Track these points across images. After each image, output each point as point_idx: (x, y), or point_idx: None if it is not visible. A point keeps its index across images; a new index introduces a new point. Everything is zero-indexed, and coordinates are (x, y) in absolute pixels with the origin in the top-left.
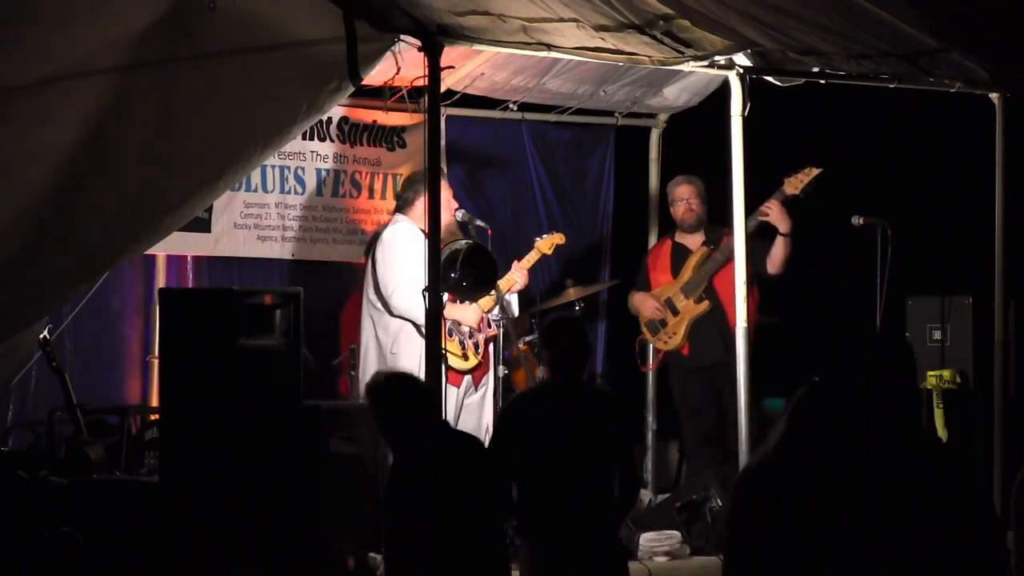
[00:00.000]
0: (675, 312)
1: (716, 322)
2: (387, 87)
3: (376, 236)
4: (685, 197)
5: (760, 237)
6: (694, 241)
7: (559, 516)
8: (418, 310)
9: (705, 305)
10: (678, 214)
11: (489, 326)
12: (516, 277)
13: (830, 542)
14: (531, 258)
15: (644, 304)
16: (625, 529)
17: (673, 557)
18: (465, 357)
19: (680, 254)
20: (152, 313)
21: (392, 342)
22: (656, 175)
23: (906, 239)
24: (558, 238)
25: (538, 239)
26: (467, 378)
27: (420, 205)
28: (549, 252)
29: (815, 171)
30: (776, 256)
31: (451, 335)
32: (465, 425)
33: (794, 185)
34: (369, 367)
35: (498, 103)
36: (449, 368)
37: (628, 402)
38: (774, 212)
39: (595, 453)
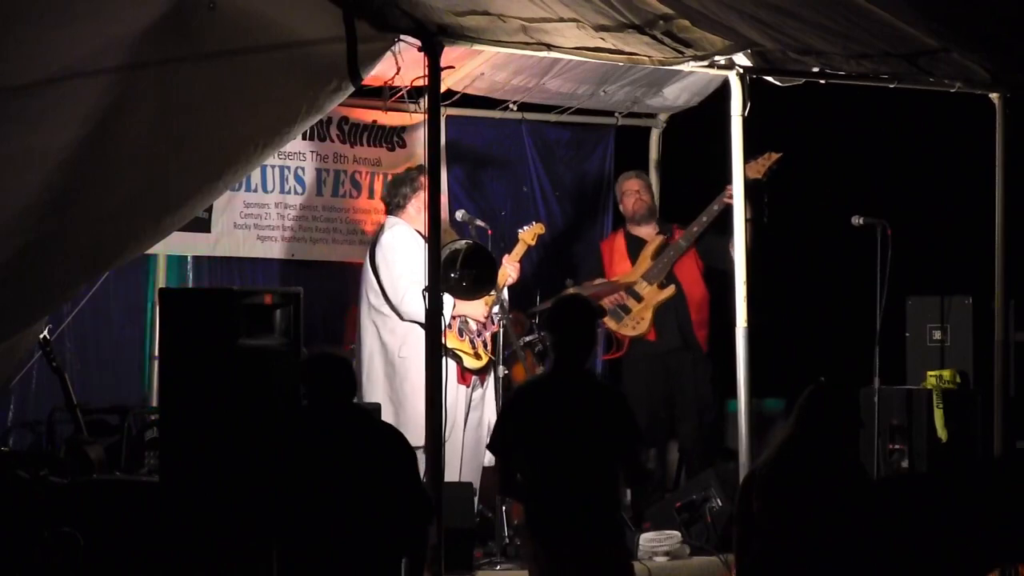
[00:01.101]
0: (638, 299)
1: (676, 310)
2: (387, 87)
3: (374, 241)
4: (635, 189)
5: (720, 232)
6: (646, 232)
7: (560, 511)
8: None
9: (671, 290)
10: (629, 206)
11: (493, 322)
12: (509, 271)
13: (834, 539)
14: (518, 251)
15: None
16: (625, 529)
17: (673, 557)
18: (477, 356)
19: (635, 244)
20: (152, 313)
21: (400, 345)
22: (657, 175)
23: (906, 239)
24: (539, 228)
25: (520, 231)
26: (475, 376)
27: (411, 206)
28: (532, 242)
29: (775, 155)
30: None
31: (461, 335)
32: (469, 424)
33: (756, 169)
34: (375, 371)
35: (498, 103)
36: (465, 369)
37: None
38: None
39: (596, 447)
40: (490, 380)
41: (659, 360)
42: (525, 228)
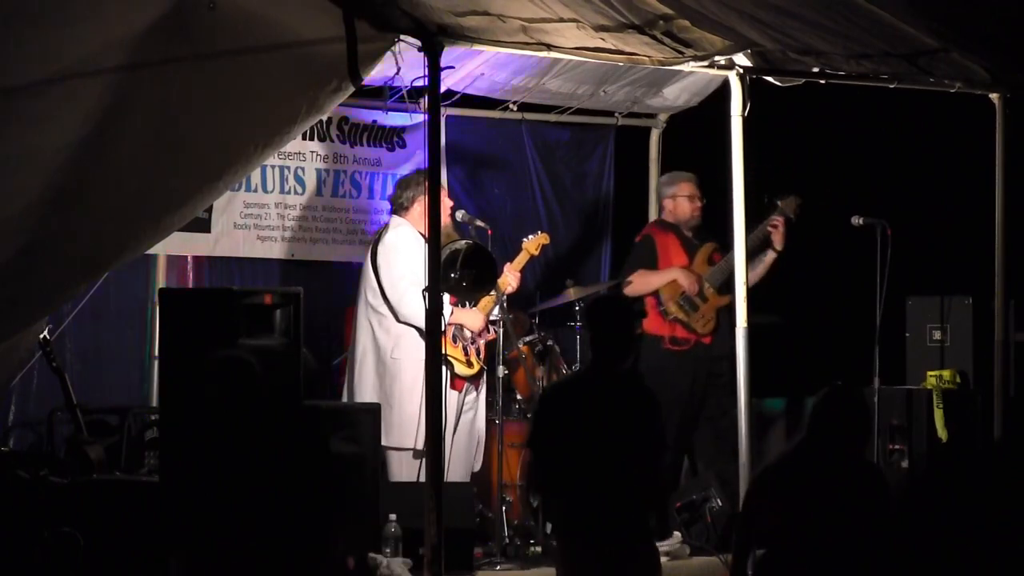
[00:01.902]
0: (704, 299)
1: (730, 318)
2: (387, 87)
3: (377, 240)
4: (697, 194)
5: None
6: (693, 236)
7: (589, 509)
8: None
9: (728, 298)
10: (687, 211)
11: (489, 331)
12: (509, 279)
13: (845, 542)
14: (521, 260)
15: (686, 277)
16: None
17: (673, 557)
18: (469, 364)
19: (688, 243)
20: (152, 313)
21: (393, 346)
22: (656, 175)
23: (906, 239)
24: (543, 238)
25: (525, 240)
26: (467, 383)
27: (417, 208)
28: (536, 252)
29: (799, 199)
30: (759, 271)
31: (455, 341)
32: (460, 427)
33: (791, 207)
34: (367, 370)
35: (498, 103)
36: (455, 375)
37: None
38: (780, 228)
39: (626, 447)
40: (483, 384)
41: (710, 363)
42: (530, 237)
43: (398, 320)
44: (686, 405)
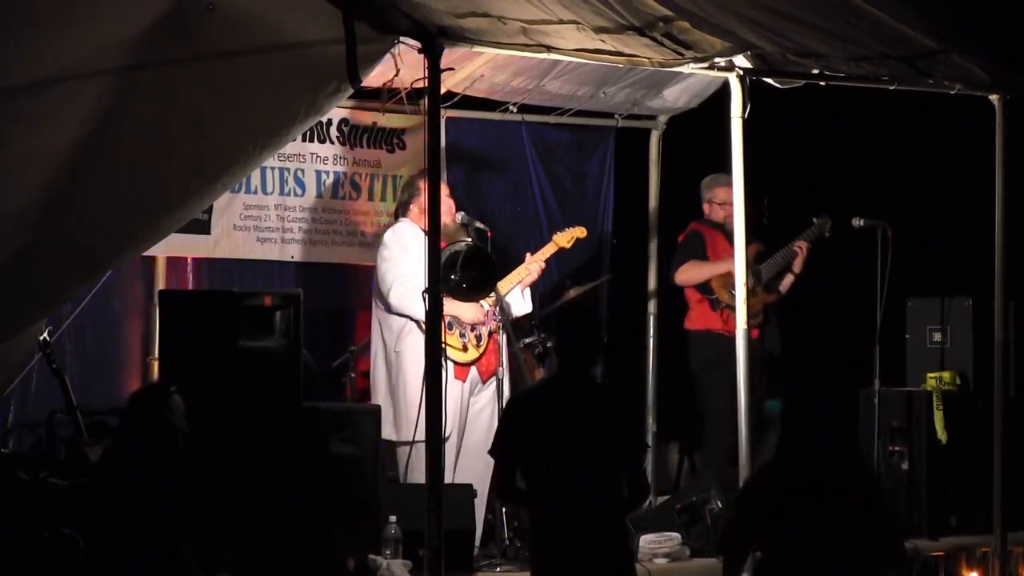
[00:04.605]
0: (753, 292)
1: (777, 319)
2: (386, 89)
3: (380, 239)
4: (730, 200)
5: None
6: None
7: (562, 516)
8: (415, 305)
9: (775, 296)
10: (719, 216)
11: (487, 321)
12: (531, 268)
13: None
14: (547, 250)
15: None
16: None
17: (673, 559)
18: (464, 349)
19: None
20: (152, 315)
21: (396, 341)
22: (656, 177)
23: (906, 240)
24: (579, 231)
25: (557, 233)
26: (473, 373)
27: (415, 207)
28: (567, 245)
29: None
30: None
31: (451, 328)
32: (475, 426)
33: (826, 227)
34: (379, 369)
35: (498, 105)
36: (450, 361)
37: (637, 403)
38: (803, 254)
39: (599, 451)
40: (497, 378)
41: (756, 359)
42: (564, 230)
43: (390, 311)
44: (724, 396)
